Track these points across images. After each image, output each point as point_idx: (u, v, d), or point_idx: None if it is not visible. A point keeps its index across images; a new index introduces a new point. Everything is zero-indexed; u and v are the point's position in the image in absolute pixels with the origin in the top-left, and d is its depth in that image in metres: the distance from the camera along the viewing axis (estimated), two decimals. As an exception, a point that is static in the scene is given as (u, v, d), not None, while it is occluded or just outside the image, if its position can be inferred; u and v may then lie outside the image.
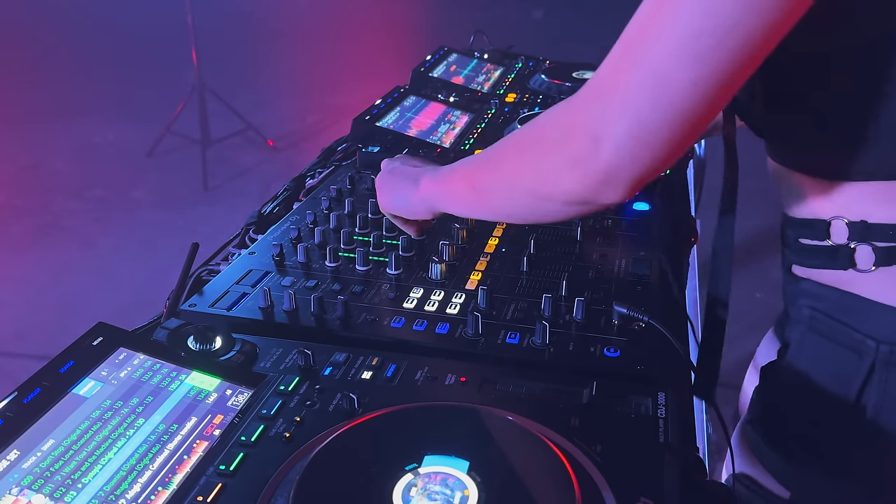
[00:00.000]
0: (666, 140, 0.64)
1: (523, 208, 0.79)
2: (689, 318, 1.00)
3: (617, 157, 0.65)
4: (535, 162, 0.73)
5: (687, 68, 0.61)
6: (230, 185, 4.20)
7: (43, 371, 0.76)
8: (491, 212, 0.85)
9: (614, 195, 0.68)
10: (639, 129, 0.64)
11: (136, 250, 3.50)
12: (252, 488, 0.66)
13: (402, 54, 5.87)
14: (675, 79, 0.62)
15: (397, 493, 0.63)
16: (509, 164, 0.78)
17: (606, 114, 0.65)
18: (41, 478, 0.66)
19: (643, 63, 0.63)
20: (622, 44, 0.66)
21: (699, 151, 1.88)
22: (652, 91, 0.63)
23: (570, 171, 0.69)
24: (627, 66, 0.64)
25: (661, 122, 0.63)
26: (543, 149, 0.72)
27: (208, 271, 1.10)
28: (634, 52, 0.64)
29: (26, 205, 3.96)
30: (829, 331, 0.81)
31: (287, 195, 1.37)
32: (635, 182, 0.67)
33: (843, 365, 0.79)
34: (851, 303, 0.78)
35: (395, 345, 0.88)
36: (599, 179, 0.67)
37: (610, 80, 0.66)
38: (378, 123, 1.55)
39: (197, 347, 0.83)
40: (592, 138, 0.66)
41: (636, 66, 0.64)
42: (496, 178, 0.80)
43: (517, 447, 0.69)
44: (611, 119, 0.65)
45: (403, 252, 1.07)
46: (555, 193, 0.72)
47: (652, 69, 0.63)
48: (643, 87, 0.63)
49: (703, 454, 1.10)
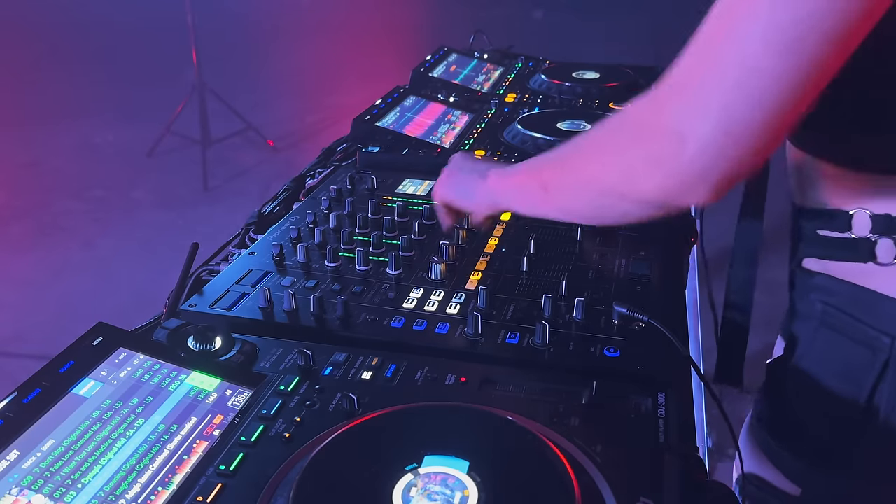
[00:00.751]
0: (756, 136, 0.61)
1: (596, 208, 0.77)
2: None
3: (704, 156, 0.62)
4: (613, 161, 0.71)
5: (776, 60, 0.59)
6: (230, 185, 4.20)
7: (43, 371, 0.76)
8: (560, 211, 0.84)
9: (700, 196, 0.65)
10: (727, 126, 0.61)
11: (136, 250, 3.50)
12: (252, 488, 0.66)
13: (402, 54, 5.87)
14: (763, 71, 0.59)
15: (397, 493, 0.63)
16: (584, 163, 0.76)
17: (691, 110, 0.62)
18: (41, 478, 0.66)
19: (729, 57, 0.60)
20: (702, 39, 0.64)
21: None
22: (740, 85, 0.60)
23: (651, 172, 0.66)
24: (711, 61, 0.62)
25: (750, 117, 0.60)
26: (622, 147, 0.70)
27: (208, 271, 1.09)
28: (718, 46, 0.62)
29: (26, 205, 3.96)
30: (841, 326, 0.80)
31: (287, 195, 1.37)
32: (723, 183, 0.64)
33: (856, 361, 0.78)
34: (866, 298, 0.78)
35: (395, 345, 0.88)
36: (684, 180, 0.64)
37: (693, 75, 0.64)
38: (378, 123, 1.54)
39: (197, 347, 0.83)
40: (677, 137, 0.63)
41: (721, 60, 0.61)
42: (569, 176, 0.79)
43: (517, 447, 0.69)
44: (696, 115, 0.62)
45: (403, 252, 1.07)
46: (633, 194, 0.70)
47: (739, 62, 0.60)
48: (730, 82, 0.60)
49: (703, 454, 1.10)
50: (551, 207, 0.84)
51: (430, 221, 1.18)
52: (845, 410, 0.80)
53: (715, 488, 0.70)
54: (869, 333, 0.77)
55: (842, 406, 0.80)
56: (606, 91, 1.84)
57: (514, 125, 1.54)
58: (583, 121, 1.54)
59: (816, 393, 0.83)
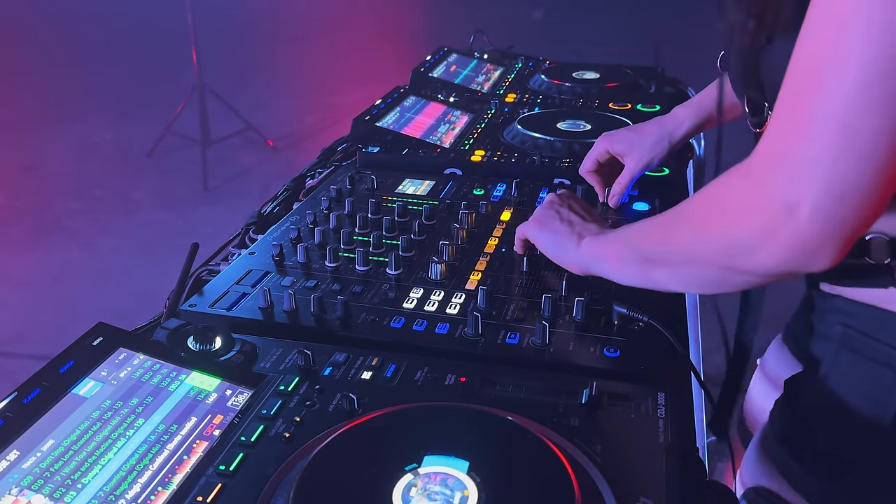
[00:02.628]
0: (867, 194, 0.59)
1: (708, 281, 0.76)
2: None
3: (820, 223, 0.60)
4: (723, 239, 0.69)
5: (875, 115, 0.56)
6: (230, 185, 4.20)
7: (43, 371, 0.76)
8: (664, 283, 0.82)
9: (824, 262, 0.63)
10: (836, 191, 0.59)
11: (136, 250, 3.50)
12: (252, 488, 0.66)
13: (401, 54, 5.87)
14: (863, 128, 0.57)
15: (397, 493, 0.63)
16: (689, 240, 0.75)
17: (796, 180, 0.60)
18: (41, 478, 0.66)
19: (821, 115, 0.58)
20: (790, 101, 0.62)
21: (699, 151, 1.88)
22: (842, 148, 0.57)
23: (766, 247, 0.64)
24: (805, 124, 0.59)
25: (859, 177, 0.58)
26: (728, 224, 0.68)
27: (208, 271, 1.10)
28: (810, 108, 0.59)
29: (26, 205, 3.96)
30: (863, 348, 0.79)
31: (287, 195, 1.37)
32: (844, 244, 0.62)
33: (879, 383, 0.77)
34: (889, 320, 0.76)
35: (395, 345, 0.88)
36: (803, 249, 0.62)
37: (788, 142, 0.61)
38: (378, 123, 1.54)
39: (197, 347, 0.83)
40: (785, 209, 0.61)
41: (816, 122, 0.58)
42: (674, 251, 0.78)
43: (517, 447, 0.69)
44: (801, 185, 0.60)
45: (403, 252, 1.07)
46: (751, 268, 0.68)
47: (835, 122, 0.57)
48: (831, 146, 0.58)
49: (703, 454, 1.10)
50: (653, 280, 0.82)
51: (429, 221, 1.18)
52: (869, 430, 0.79)
53: (715, 488, 0.70)
54: (892, 355, 0.76)
55: (865, 426, 0.79)
56: (606, 91, 1.84)
57: (514, 125, 1.54)
58: (582, 121, 1.54)
59: (839, 412, 0.81)
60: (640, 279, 0.85)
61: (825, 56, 0.58)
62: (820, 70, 0.58)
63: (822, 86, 0.58)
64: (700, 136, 1.87)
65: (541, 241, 0.99)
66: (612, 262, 0.88)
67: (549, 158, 1.41)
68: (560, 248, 0.96)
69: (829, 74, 0.58)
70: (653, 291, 0.93)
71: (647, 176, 1.32)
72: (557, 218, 0.98)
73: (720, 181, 0.71)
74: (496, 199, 1.28)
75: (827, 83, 0.58)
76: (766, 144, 0.64)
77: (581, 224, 0.96)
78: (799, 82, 0.61)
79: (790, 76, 0.62)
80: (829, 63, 0.58)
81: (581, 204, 1.02)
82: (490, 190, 1.31)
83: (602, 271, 0.90)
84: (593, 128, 1.51)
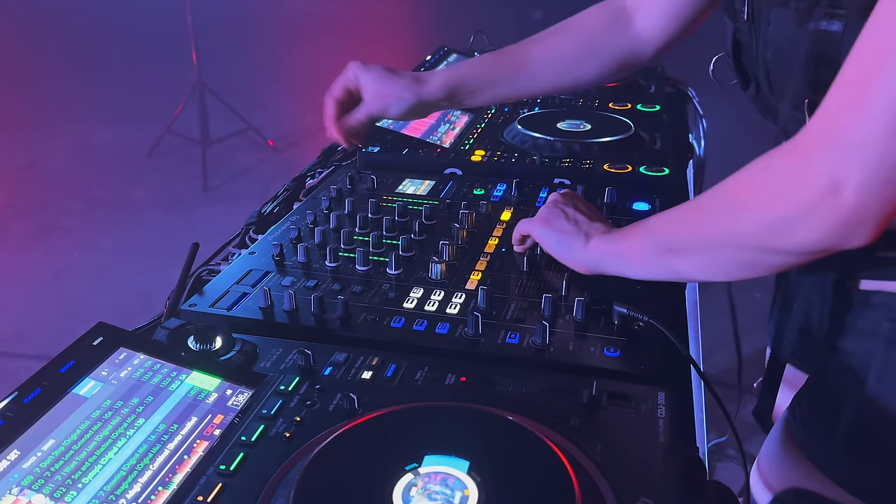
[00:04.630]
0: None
1: (739, 265, 0.76)
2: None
3: (863, 201, 0.62)
4: (762, 217, 0.70)
5: None
6: (230, 185, 4.20)
7: (43, 371, 0.76)
8: (688, 272, 0.82)
9: (861, 239, 0.65)
10: (885, 171, 0.60)
11: (136, 250, 3.50)
12: (252, 488, 0.66)
13: (401, 54, 5.87)
14: None
15: (397, 493, 0.63)
16: (722, 222, 0.75)
17: (846, 158, 0.62)
18: (41, 478, 0.66)
19: (879, 99, 0.59)
20: (846, 83, 0.63)
21: (699, 151, 1.88)
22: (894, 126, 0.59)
23: (806, 223, 0.65)
24: (860, 105, 0.61)
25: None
26: (768, 202, 0.69)
27: (208, 271, 1.10)
28: (866, 89, 0.61)
29: (26, 205, 3.96)
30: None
31: (287, 195, 1.37)
32: (882, 223, 0.63)
33: None
34: None
35: (395, 345, 0.88)
36: (843, 227, 0.64)
37: (840, 121, 0.62)
38: (378, 123, 1.54)
39: (197, 347, 0.83)
40: (830, 186, 0.62)
41: (871, 103, 0.60)
42: (703, 237, 0.78)
43: (517, 447, 0.69)
44: (852, 163, 0.61)
45: (403, 252, 1.07)
46: (788, 246, 0.69)
47: (890, 103, 0.59)
48: (883, 124, 0.59)
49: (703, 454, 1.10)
50: (675, 271, 0.82)
51: (430, 221, 1.18)
52: None
53: (715, 488, 0.70)
54: None
55: None
56: (606, 91, 1.84)
57: (513, 125, 1.54)
58: (582, 121, 1.54)
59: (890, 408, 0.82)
60: (661, 271, 0.85)
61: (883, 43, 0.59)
62: (878, 56, 0.59)
63: (879, 70, 0.59)
64: (700, 137, 1.87)
65: (546, 239, 0.99)
66: (628, 256, 0.88)
67: (549, 158, 1.41)
68: (566, 247, 0.96)
69: (886, 60, 0.59)
70: (653, 291, 0.93)
71: (648, 176, 1.33)
72: (563, 217, 0.98)
73: (759, 162, 0.71)
74: (496, 199, 1.28)
75: (883, 68, 0.59)
76: (819, 122, 0.65)
77: (587, 223, 0.96)
78: (863, 63, 0.62)
79: (853, 57, 0.62)
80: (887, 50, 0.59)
81: (585, 203, 1.02)
82: (490, 190, 1.31)
83: (614, 268, 0.90)
84: (593, 128, 1.51)
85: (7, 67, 6.09)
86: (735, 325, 1.04)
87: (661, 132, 1.54)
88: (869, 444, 0.85)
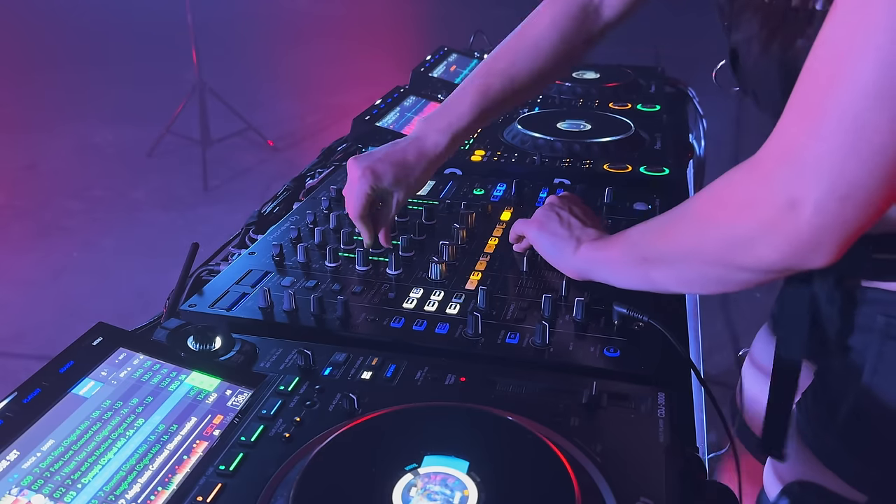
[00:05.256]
0: (873, 194, 0.58)
1: (708, 280, 0.76)
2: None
3: (821, 220, 0.61)
4: (724, 233, 0.70)
5: (888, 117, 0.56)
6: (230, 185, 4.20)
7: (43, 371, 0.76)
8: (663, 283, 0.82)
9: (822, 259, 0.64)
10: (842, 189, 0.59)
11: (136, 250, 3.50)
12: (252, 488, 0.66)
13: (402, 54, 5.87)
14: (876, 125, 0.56)
15: (397, 493, 0.63)
16: (690, 236, 0.76)
17: (801, 176, 0.61)
18: (41, 478, 0.66)
19: (835, 113, 0.58)
20: (799, 101, 0.62)
21: (699, 151, 1.88)
22: (851, 143, 0.57)
23: (766, 241, 0.65)
24: (816, 120, 0.59)
25: (866, 177, 0.58)
26: (730, 219, 0.69)
27: (208, 271, 1.10)
28: (818, 107, 0.59)
29: (26, 205, 3.96)
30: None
31: (287, 195, 1.37)
32: (844, 243, 0.62)
33: None
34: None
35: (395, 345, 0.88)
36: (803, 246, 0.63)
37: (798, 138, 0.61)
38: (378, 123, 1.54)
39: (197, 347, 0.83)
40: (788, 204, 0.62)
41: (827, 118, 0.59)
42: (673, 249, 0.78)
43: (517, 447, 0.69)
44: (807, 181, 0.60)
45: (403, 252, 1.07)
46: (750, 263, 0.69)
47: (847, 118, 0.57)
48: (839, 141, 0.58)
49: (703, 454, 1.10)
50: (651, 281, 0.83)
51: (430, 221, 1.18)
52: None
53: (715, 488, 0.70)
54: None
55: None
56: (606, 91, 1.84)
57: (514, 125, 1.54)
58: (582, 121, 1.54)
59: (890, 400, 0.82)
60: (639, 281, 0.85)
61: (841, 56, 0.58)
62: (835, 69, 0.58)
63: (837, 85, 0.58)
64: (700, 137, 1.87)
65: (539, 243, 0.99)
66: (611, 264, 0.88)
67: (549, 158, 1.41)
68: (557, 251, 0.96)
69: (844, 74, 0.58)
70: (652, 292, 0.94)
71: (648, 176, 1.33)
72: (557, 220, 0.98)
73: (724, 178, 0.71)
74: (496, 199, 1.28)
75: (842, 82, 0.58)
76: (775, 140, 0.64)
77: (580, 228, 0.96)
78: (814, 80, 0.61)
79: (805, 73, 0.62)
80: (845, 62, 0.58)
81: (582, 207, 1.02)
82: (490, 190, 1.31)
83: (600, 276, 0.90)
84: (593, 127, 1.51)
85: (7, 67, 6.09)
86: None
87: (661, 132, 1.54)
88: (865, 436, 0.85)
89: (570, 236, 0.95)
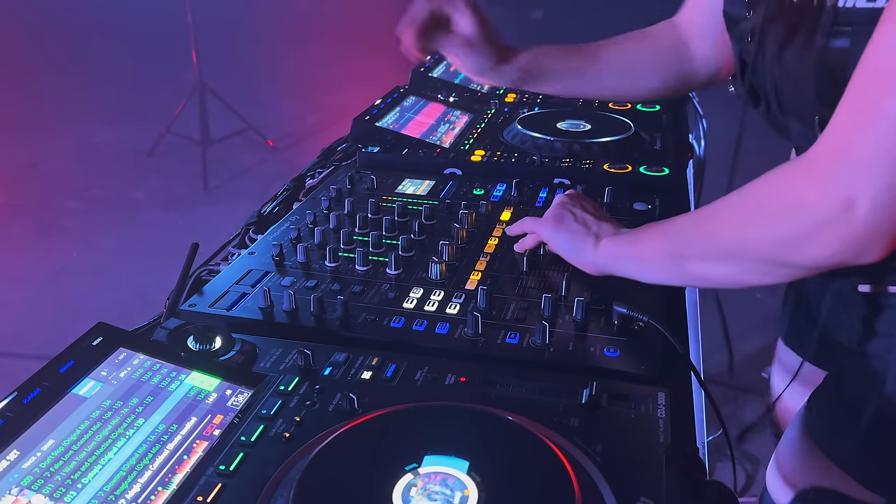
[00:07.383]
0: None
1: (750, 274, 0.77)
2: None
3: (876, 217, 0.62)
4: (771, 231, 0.71)
5: None
6: (230, 185, 4.20)
7: (43, 371, 0.76)
8: (700, 278, 0.82)
9: (873, 255, 0.65)
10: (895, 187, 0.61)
11: (136, 250, 3.50)
12: (252, 488, 0.66)
13: (401, 55, 5.86)
14: None
15: (397, 493, 0.63)
16: (733, 233, 0.76)
17: (857, 175, 0.62)
18: (41, 478, 0.66)
19: (886, 115, 0.60)
20: (854, 100, 0.63)
21: (699, 151, 1.88)
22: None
23: (820, 239, 0.66)
24: (871, 121, 0.61)
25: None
26: (781, 218, 0.70)
27: (208, 271, 1.10)
28: (873, 106, 0.61)
29: (26, 205, 3.96)
30: None
31: (287, 195, 1.37)
32: (894, 239, 0.64)
33: None
34: None
35: (395, 345, 0.88)
36: (857, 243, 0.65)
37: (852, 138, 0.63)
38: (378, 123, 1.54)
39: (197, 347, 0.83)
40: (844, 203, 0.63)
41: (878, 120, 0.61)
42: (717, 246, 0.78)
43: (517, 447, 0.69)
44: (863, 179, 0.62)
45: (403, 252, 1.07)
46: (799, 261, 0.70)
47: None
48: (892, 141, 0.60)
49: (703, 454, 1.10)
50: (688, 275, 0.83)
51: (429, 221, 1.18)
52: None
53: (715, 488, 0.70)
54: None
55: None
56: (606, 91, 1.83)
57: (513, 125, 1.54)
58: (582, 121, 1.54)
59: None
60: (672, 276, 0.85)
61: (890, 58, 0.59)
62: (890, 70, 0.60)
63: (892, 85, 0.60)
64: (700, 137, 1.87)
65: (556, 240, 0.99)
66: (642, 260, 0.88)
67: (549, 158, 1.41)
68: (576, 248, 0.96)
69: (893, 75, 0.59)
70: (652, 291, 0.93)
71: (647, 176, 1.33)
72: (572, 218, 0.98)
73: (772, 176, 0.72)
74: (496, 199, 1.28)
75: (892, 84, 0.59)
76: (828, 139, 0.65)
77: (596, 224, 0.96)
78: (869, 80, 0.62)
79: (860, 73, 0.63)
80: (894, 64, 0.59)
81: (592, 204, 1.03)
82: (490, 190, 1.31)
83: (624, 271, 0.90)
84: (593, 127, 1.51)
85: (7, 67, 6.09)
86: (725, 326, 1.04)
87: (661, 132, 1.54)
88: (888, 441, 0.85)
89: (587, 233, 0.95)
